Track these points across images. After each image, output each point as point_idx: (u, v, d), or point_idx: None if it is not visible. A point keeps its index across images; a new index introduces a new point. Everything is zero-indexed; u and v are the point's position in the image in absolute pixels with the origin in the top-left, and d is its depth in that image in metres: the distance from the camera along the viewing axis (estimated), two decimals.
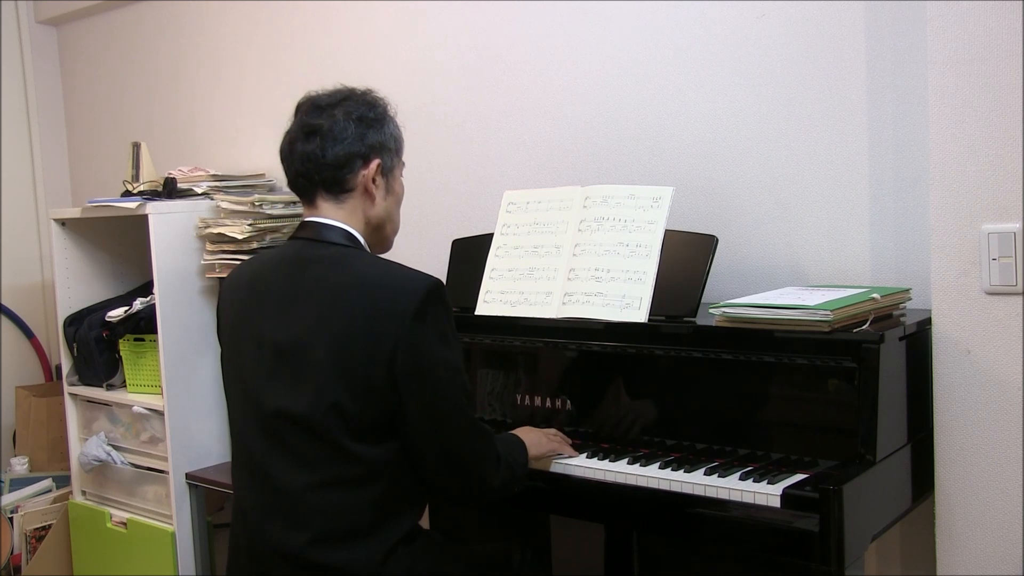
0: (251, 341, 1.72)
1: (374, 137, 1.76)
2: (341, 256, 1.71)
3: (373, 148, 1.76)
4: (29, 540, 3.35)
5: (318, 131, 1.73)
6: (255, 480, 1.70)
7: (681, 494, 1.74)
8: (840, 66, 2.12)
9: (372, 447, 1.63)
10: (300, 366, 1.64)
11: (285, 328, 1.67)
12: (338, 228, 1.74)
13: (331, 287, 1.66)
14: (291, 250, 1.77)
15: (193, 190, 3.04)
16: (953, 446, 1.82)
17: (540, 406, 2.12)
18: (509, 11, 2.68)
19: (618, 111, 2.48)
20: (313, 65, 3.19)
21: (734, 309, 1.82)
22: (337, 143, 1.72)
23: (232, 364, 1.78)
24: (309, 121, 1.75)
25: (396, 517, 1.68)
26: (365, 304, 1.62)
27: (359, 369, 1.60)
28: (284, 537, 1.64)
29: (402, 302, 1.61)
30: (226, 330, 1.81)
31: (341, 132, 1.72)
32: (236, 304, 1.79)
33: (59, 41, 4.17)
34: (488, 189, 2.72)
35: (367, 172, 1.75)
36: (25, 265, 4.04)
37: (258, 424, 1.69)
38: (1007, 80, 1.71)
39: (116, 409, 3.11)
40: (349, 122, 1.73)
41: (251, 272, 1.81)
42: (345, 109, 1.75)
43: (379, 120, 1.78)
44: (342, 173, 1.74)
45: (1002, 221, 1.74)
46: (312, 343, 1.63)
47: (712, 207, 2.31)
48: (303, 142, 1.74)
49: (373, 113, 1.77)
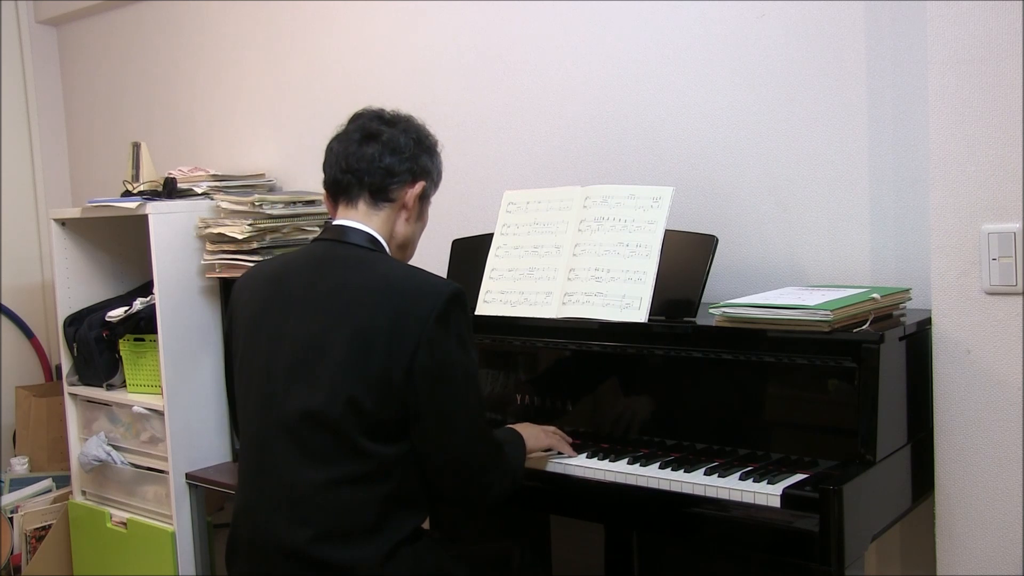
0: (270, 339, 1.73)
1: (426, 161, 1.83)
2: (365, 257, 1.75)
3: (423, 171, 1.83)
4: (29, 540, 3.35)
5: (378, 137, 1.79)
6: (264, 475, 1.71)
7: (681, 494, 1.74)
8: (840, 66, 2.12)
9: (385, 445, 1.65)
10: (319, 363, 1.66)
11: (306, 327, 1.69)
12: (364, 232, 1.78)
13: (354, 287, 1.69)
14: (316, 251, 1.79)
15: (193, 190, 3.04)
16: (953, 446, 1.82)
17: (540, 406, 2.12)
18: (509, 11, 2.68)
19: (618, 111, 2.48)
20: (313, 65, 3.19)
21: (734, 309, 1.82)
22: (395, 154, 1.78)
23: (247, 362, 1.78)
24: (371, 127, 1.81)
25: (401, 516, 1.68)
26: (389, 304, 1.65)
27: (378, 367, 1.62)
28: (287, 533, 1.65)
29: (426, 304, 1.64)
30: (241, 329, 1.81)
31: (401, 146, 1.79)
32: (254, 303, 1.80)
33: (59, 41, 4.17)
34: (488, 189, 2.72)
35: (412, 190, 1.81)
36: (25, 265, 4.04)
37: (274, 420, 1.70)
38: (1007, 80, 1.71)
39: (116, 409, 3.11)
40: (409, 140, 1.81)
41: (271, 272, 1.82)
42: (405, 128, 1.82)
43: (432, 148, 1.86)
44: (390, 182, 1.79)
45: (1002, 221, 1.74)
46: (332, 340, 1.65)
47: (712, 207, 2.31)
48: (361, 144, 1.79)
49: (428, 141, 1.86)
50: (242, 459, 1.79)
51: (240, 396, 1.80)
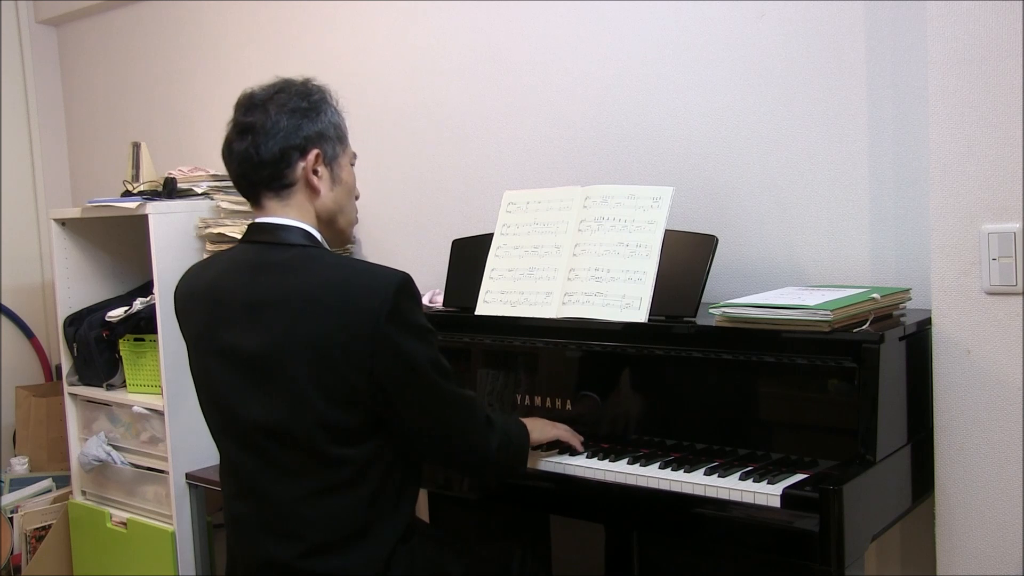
0: (217, 354, 1.67)
1: (310, 128, 1.70)
2: (300, 259, 1.65)
3: (310, 139, 1.69)
4: (29, 540, 3.35)
5: (251, 129, 1.68)
6: (243, 492, 1.68)
7: (681, 494, 1.74)
8: (840, 66, 2.12)
9: (356, 448, 1.61)
10: (274, 378, 1.60)
11: (252, 339, 1.61)
12: (295, 228, 1.69)
13: (295, 294, 1.60)
14: (247, 255, 1.70)
15: (193, 190, 3.04)
16: (953, 446, 1.82)
17: (540, 406, 2.12)
18: (509, 11, 2.68)
19: (618, 111, 2.48)
20: (313, 65, 3.18)
21: (734, 309, 1.82)
22: (270, 138, 1.67)
23: (201, 378, 1.73)
24: (242, 119, 1.70)
25: (390, 513, 1.67)
26: (334, 310, 1.57)
27: (338, 379, 1.57)
28: (277, 550, 1.62)
29: (372, 304, 1.56)
30: (189, 344, 1.76)
31: (274, 127, 1.67)
32: (196, 316, 1.73)
33: (59, 41, 4.17)
34: (488, 189, 2.72)
35: (306, 164, 1.69)
36: (25, 265, 4.04)
37: (237, 438, 1.66)
38: (1007, 80, 1.71)
39: (116, 409, 3.11)
40: (282, 115, 1.68)
41: (208, 281, 1.73)
42: (278, 103, 1.69)
43: (314, 109, 1.71)
44: (279, 168, 1.68)
45: (1002, 221, 1.74)
46: (285, 355, 1.58)
47: (712, 207, 2.31)
48: (238, 141, 1.70)
49: (307, 103, 1.71)
50: (221, 474, 1.77)
51: (204, 414, 1.76)
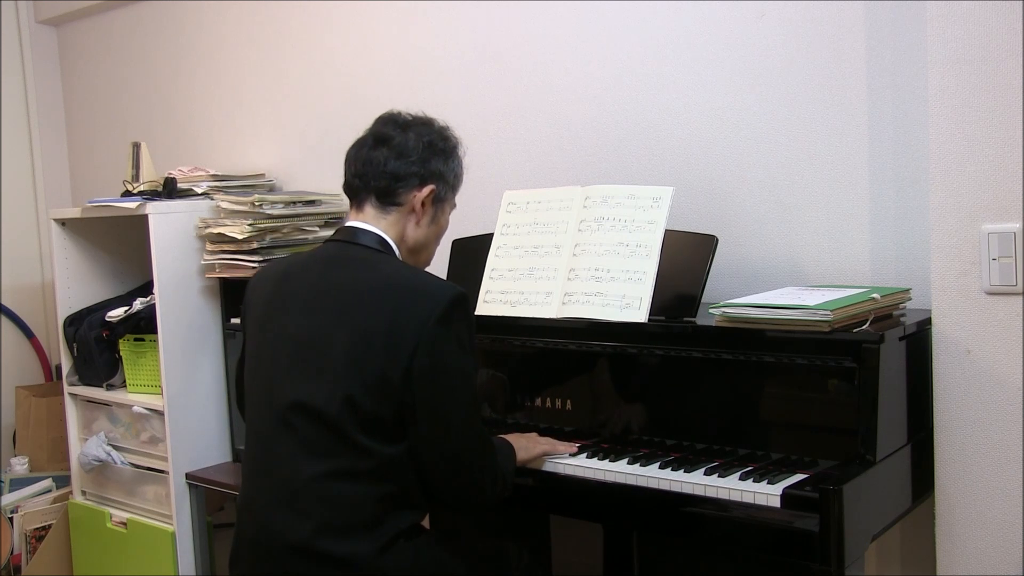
0: (275, 336, 1.76)
1: (437, 165, 1.84)
2: (371, 258, 1.77)
3: (433, 174, 1.84)
4: (29, 540, 3.35)
5: (387, 142, 1.82)
6: (264, 470, 1.73)
7: (681, 494, 1.74)
8: (840, 66, 2.12)
9: (383, 444, 1.66)
10: (318, 359, 1.68)
11: (307, 323, 1.72)
12: (372, 233, 1.80)
13: (357, 286, 1.71)
14: (324, 252, 1.83)
15: (193, 190, 3.04)
16: (953, 446, 1.82)
17: (540, 406, 2.12)
18: (509, 11, 2.68)
19: (618, 111, 2.48)
20: (313, 65, 3.19)
21: (734, 309, 1.82)
22: (401, 158, 1.81)
23: (254, 357, 1.82)
24: (383, 131, 1.84)
25: (398, 514, 1.69)
26: (390, 304, 1.66)
27: (376, 366, 1.64)
28: (289, 527, 1.66)
29: (428, 306, 1.65)
30: (251, 325, 1.85)
31: (409, 150, 1.81)
32: (262, 300, 1.83)
33: (59, 41, 4.17)
34: (488, 189, 2.72)
35: (419, 194, 1.82)
36: (25, 265, 4.04)
37: (273, 414, 1.72)
38: (1007, 80, 1.71)
39: (116, 409, 3.11)
40: (419, 143, 1.82)
41: (281, 270, 1.85)
42: (418, 132, 1.84)
43: (446, 152, 1.87)
44: (396, 185, 1.81)
45: (1002, 221, 1.74)
46: (332, 338, 1.68)
47: (712, 207, 2.31)
48: (371, 148, 1.83)
49: (443, 144, 1.87)
50: (245, 455, 1.82)
51: (248, 392, 1.84)
